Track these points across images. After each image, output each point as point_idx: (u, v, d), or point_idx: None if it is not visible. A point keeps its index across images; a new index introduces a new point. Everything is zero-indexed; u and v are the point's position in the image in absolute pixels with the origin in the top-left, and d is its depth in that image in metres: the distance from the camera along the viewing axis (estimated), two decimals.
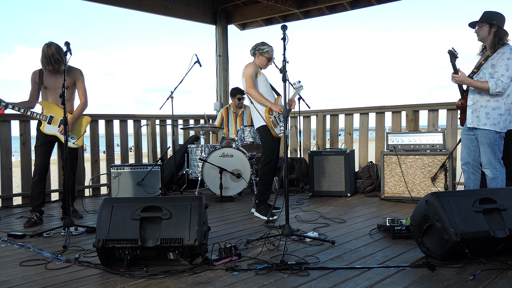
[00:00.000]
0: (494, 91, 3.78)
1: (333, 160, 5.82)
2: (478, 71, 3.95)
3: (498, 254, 2.94)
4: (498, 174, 3.91)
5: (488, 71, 3.84)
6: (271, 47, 4.61)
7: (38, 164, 4.43)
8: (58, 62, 4.27)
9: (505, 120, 3.87)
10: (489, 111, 3.87)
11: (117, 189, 5.49)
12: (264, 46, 4.58)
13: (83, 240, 3.72)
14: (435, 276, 2.65)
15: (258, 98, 4.48)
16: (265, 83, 4.60)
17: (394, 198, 5.44)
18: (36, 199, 4.46)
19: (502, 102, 3.84)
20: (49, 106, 4.41)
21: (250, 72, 4.50)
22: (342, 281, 2.61)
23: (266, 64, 4.62)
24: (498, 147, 3.91)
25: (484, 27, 3.89)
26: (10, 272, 2.92)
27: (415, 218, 3.09)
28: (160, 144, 7.04)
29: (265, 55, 4.57)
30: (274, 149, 4.55)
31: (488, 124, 3.88)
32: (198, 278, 2.70)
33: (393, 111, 6.34)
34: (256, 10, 7.62)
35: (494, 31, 3.85)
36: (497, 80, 3.76)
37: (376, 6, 6.90)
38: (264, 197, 4.58)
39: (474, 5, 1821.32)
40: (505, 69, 3.75)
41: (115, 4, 6.60)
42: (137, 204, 2.93)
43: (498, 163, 3.92)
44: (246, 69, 4.55)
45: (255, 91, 4.48)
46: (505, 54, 3.78)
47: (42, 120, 4.38)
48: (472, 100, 3.98)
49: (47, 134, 4.40)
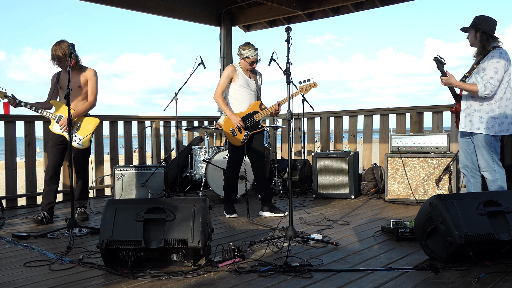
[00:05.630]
0: (483, 93, 3.80)
1: (337, 162, 5.82)
2: (470, 75, 3.99)
3: (503, 257, 2.92)
4: (497, 176, 3.91)
5: (479, 74, 3.88)
6: (251, 50, 4.56)
7: (50, 164, 4.48)
8: (60, 60, 4.35)
9: (500, 124, 3.86)
10: (483, 115, 3.89)
11: (121, 190, 5.50)
12: (244, 51, 4.59)
13: (87, 241, 3.72)
14: (439, 278, 2.64)
15: (221, 107, 4.69)
16: (241, 88, 4.66)
17: (398, 200, 5.43)
18: (47, 197, 4.50)
19: (495, 106, 3.85)
20: (59, 106, 4.47)
21: (222, 78, 4.68)
22: (346, 283, 2.60)
23: (250, 67, 4.66)
24: (495, 149, 3.92)
25: (471, 33, 3.97)
26: (14, 272, 2.93)
27: (419, 220, 3.08)
28: (164, 145, 7.05)
29: (246, 60, 4.61)
30: (235, 156, 4.73)
31: (482, 128, 3.88)
32: (201, 279, 2.70)
33: (397, 113, 6.33)
34: (260, 12, 7.62)
35: (480, 35, 3.90)
36: (486, 82, 3.79)
37: (380, 8, 6.89)
38: (225, 197, 4.84)
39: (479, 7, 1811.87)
40: (494, 72, 3.79)
41: (120, 6, 6.62)
42: (141, 205, 2.93)
43: (496, 165, 3.92)
44: (223, 72, 4.72)
45: (220, 99, 4.68)
46: (494, 57, 3.81)
47: (51, 119, 4.46)
48: (465, 104, 4.01)
49: (58, 135, 4.45)
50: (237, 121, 4.58)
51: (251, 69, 4.69)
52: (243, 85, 4.65)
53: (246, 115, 4.65)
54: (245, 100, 4.68)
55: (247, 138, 4.65)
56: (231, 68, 4.67)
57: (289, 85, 3.54)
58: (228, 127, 4.65)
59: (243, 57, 4.60)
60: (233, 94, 4.69)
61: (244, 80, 4.66)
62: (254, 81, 4.73)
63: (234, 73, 4.65)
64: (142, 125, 6.76)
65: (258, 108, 4.68)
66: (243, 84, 4.66)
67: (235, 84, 4.65)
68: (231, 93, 4.70)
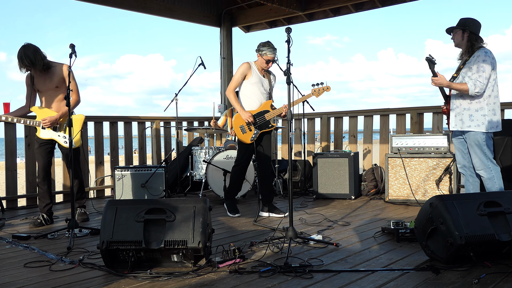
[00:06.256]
0: (473, 92, 3.88)
1: (337, 163, 5.82)
2: (457, 75, 4.06)
3: (503, 258, 2.92)
4: (493, 173, 3.94)
5: (467, 74, 3.95)
6: (271, 49, 4.53)
7: (40, 165, 4.44)
8: (32, 64, 4.16)
9: (490, 121, 3.92)
10: (473, 113, 3.96)
11: (121, 191, 5.50)
12: (264, 47, 4.55)
13: (87, 241, 3.73)
14: (440, 279, 2.64)
15: (232, 102, 4.65)
16: (255, 85, 4.63)
17: (399, 201, 5.43)
18: (42, 199, 4.48)
19: (484, 103, 3.93)
20: (41, 111, 4.38)
21: (237, 74, 4.65)
22: (346, 284, 2.60)
23: (265, 65, 4.61)
24: (488, 147, 3.96)
25: (458, 33, 4.04)
26: (14, 273, 2.93)
27: (419, 221, 3.08)
28: (164, 146, 7.05)
29: (263, 56, 4.57)
30: (244, 154, 4.71)
31: (473, 126, 3.95)
32: (201, 280, 2.70)
33: (398, 113, 6.33)
34: (260, 12, 7.63)
35: (467, 35, 3.98)
36: (475, 81, 3.87)
37: (381, 9, 6.90)
38: (229, 194, 4.84)
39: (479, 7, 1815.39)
40: (482, 70, 3.87)
41: (120, 7, 6.63)
42: (141, 206, 2.93)
43: (490, 163, 3.96)
44: (238, 69, 4.66)
45: (232, 95, 4.65)
46: (480, 56, 3.90)
47: (37, 126, 4.37)
48: (455, 103, 4.07)
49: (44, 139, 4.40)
50: (248, 116, 4.54)
51: (267, 68, 4.65)
52: (256, 83, 4.62)
53: (257, 113, 4.62)
54: (256, 99, 4.64)
55: (256, 136, 4.61)
56: (246, 65, 4.62)
57: (289, 85, 3.54)
58: (238, 124, 4.62)
59: (261, 54, 4.56)
60: (245, 92, 4.65)
61: (258, 78, 4.63)
62: (267, 81, 4.70)
63: (248, 70, 4.61)
64: (142, 125, 6.76)
65: (269, 107, 4.65)
66: (257, 82, 4.62)
67: (248, 81, 4.62)
68: (243, 90, 4.66)
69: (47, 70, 4.30)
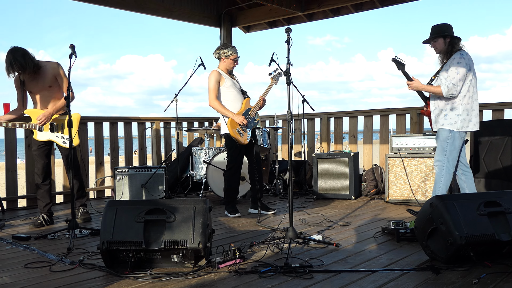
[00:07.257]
0: (447, 94, 3.97)
1: (337, 163, 5.82)
2: (436, 77, 4.14)
3: (503, 258, 2.92)
4: (443, 173, 4.04)
5: (443, 76, 4.03)
6: (234, 48, 4.76)
7: (39, 167, 4.45)
8: (22, 68, 4.11)
9: (462, 120, 4.00)
10: (448, 113, 4.05)
11: (121, 192, 5.50)
12: (227, 49, 4.73)
13: (88, 242, 3.73)
14: (440, 279, 2.64)
15: (221, 111, 4.69)
16: (231, 88, 4.75)
17: (399, 201, 5.43)
18: (42, 199, 4.48)
19: (459, 103, 4.02)
20: (36, 113, 4.35)
21: (211, 84, 4.69)
22: (346, 284, 2.60)
23: (233, 65, 4.79)
24: (453, 146, 4.02)
25: (439, 41, 4.11)
26: (14, 274, 2.93)
27: (419, 221, 3.08)
28: (164, 146, 7.05)
29: (230, 57, 4.73)
30: (237, 156, 4.76)
31: (446, 123, 4.05)
32: (202, 280, 2.70)
33: (398, 113, 6.33)
34: (260, 13, 7.63)
35: (449, 41, 4.08)
36: (448, 83, 3.95)
37: (381, 9, 6.91)
38: (228, 198, 4.82)
39: (479, 7, 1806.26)
40: (455, 72, 3.95)
41: (120, 7, 6.62)
42: (141, 206, 2.93)
43: (446, 161, 4.04)
44: (208, 81, 4.72)
45: (217, 103, 4.68)
46: (455, 59, 3.99)
47: (33, 129, 4.35)
48: (433, 105, 4.16)
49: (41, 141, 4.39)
50: (242, 119, 4.66)
51: (232, 69, 4.83)
52: (231, 85, 4.76)
53: (244, 113, 4.76)
54: (237, 100, 4.78)
55: (250, 135, 4.80)
56: (215, 72, 4.74)
57: (289, 86, 3.54)
58: (234, 128, 4.66)
59: (226, 56, 4.73)
60: (226, 97, 4.75)
61: (230, 81, 4.78)
62: (236, 81, 4.89)
63: (220, 76, 4.73)
64: (142, 126, 6.77)
65: (249, 104, 4.85)
66: (231, 84, 4.77)
67: (224, 86, 4.74)
68: (224, 96, 4.76)
69: (37, 71, 4.25)
